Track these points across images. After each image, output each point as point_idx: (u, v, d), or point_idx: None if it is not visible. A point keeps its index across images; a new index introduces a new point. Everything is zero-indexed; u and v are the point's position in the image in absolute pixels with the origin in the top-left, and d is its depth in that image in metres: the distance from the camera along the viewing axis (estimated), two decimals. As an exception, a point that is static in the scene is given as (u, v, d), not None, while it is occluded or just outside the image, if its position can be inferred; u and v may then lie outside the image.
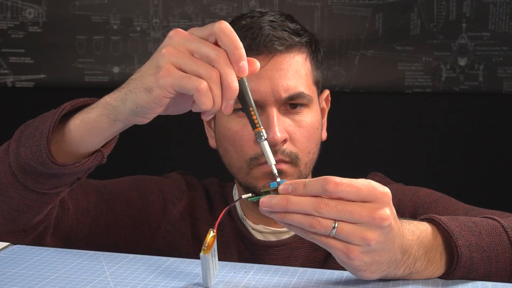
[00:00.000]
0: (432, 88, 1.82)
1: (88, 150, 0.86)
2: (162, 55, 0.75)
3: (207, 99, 0.74)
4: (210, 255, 0.77)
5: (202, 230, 1.10)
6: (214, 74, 0.74)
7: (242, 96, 0.76)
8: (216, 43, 0.75)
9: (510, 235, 0.82)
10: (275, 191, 0.75)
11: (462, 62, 1.80)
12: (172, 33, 0.77)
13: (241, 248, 1.08)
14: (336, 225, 0.72)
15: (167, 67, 0.75)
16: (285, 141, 1.00)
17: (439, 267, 0.81)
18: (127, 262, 0.87)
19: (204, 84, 0.73)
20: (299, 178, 1.02)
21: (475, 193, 1.81)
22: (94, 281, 0.80)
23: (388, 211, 0.73)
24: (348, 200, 0.73)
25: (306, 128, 1.02)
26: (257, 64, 0.77)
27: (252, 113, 0.77)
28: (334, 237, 0.73)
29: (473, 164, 1.83)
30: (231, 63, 0.75)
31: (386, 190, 0.74)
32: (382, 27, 1.83)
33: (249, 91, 0.77)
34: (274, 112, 0.99)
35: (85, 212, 1.04)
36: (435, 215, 0.83)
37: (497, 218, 0.85)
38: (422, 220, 0.83)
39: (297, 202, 0.72)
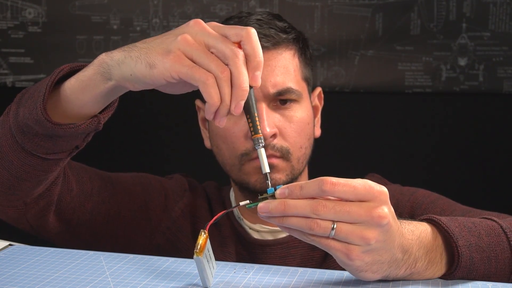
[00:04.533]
0: (432, 88, 1.82)
1: (84, 113, 0.85)
2: (176, 41, 0.75)
3: (214, 92, 0.73)
4: (204, 256, 0.77)
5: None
6: (225, 73, 0.73)
7: (246, 102, 0.76)
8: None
9: (508, 236, 0.82)
10: (272, 196, 0.75)
11: (462, 62, 1.80)
12: (192, 22, 0.77)
13: (238, 247, 1.08)
14: (335, 226, 0.72)
15: (177, 53, 0.74)
16: (274, 136, 1.02)
17: (440, 267, 0.81)
18: (127, 262, 0.87)
19: (211, 78, 0.73)
20: (291, 172, 1.04)
21: (475, 193, 1.81)
22: (94, 281, 0.80)
23: (386, 210, 0.73)
24: (346, 200, 0.73)
25: (297, 123, 1.04)
26: (259, 81, 0.77)
27: (255, 119, 0.78)
28: (333, 238, 0.73)
29: (473, 164, 1.83)
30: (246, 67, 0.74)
31: (383, 189, 0.74)
32: (382, 27, 1.83)
33: (253, 98, 0.77)
34: (263, 108, 1.01)
35: (88, 196, 1.05)
36: (434, 216, 0.83)
37: (495, 219, 0.85)
38: (421, 220, 0.83)
39: (294, 205, 0.72)
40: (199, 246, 0.76)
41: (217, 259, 0.82)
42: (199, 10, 1.92)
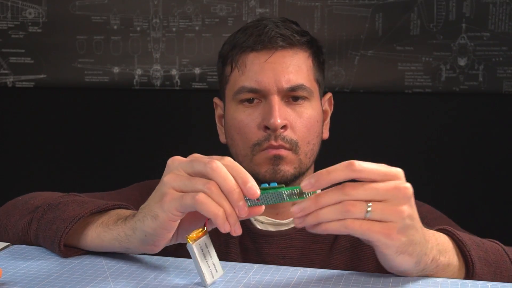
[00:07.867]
0: (432, 88, 1.82)
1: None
2: (164, 183, 0.78)
3: (212, 206, 0.74)
4: (199, 248, 0.77)
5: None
6: (212, 185, 0.75)
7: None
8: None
9: (510, 257, 0.88)
10: (272, 188, 0.76)
11: (462, 62, 1.80)
12: (169, 161, 0.80)
13: (243, 238, 1.11)
14: (370, 206, 0.73)
15: (169, 192, 0.77)
16: (285, 127, 1.06)
17: (455, 271, 0.83)
18: (127, 262, 0.87)
19: (201, 194, 0.74)
20: (299, 166, 1.08)
21: (474, 193, 1.82)
22: (94, 281, 0.80)
23: (408, 184, 0.76)
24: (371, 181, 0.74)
25: (306, 119, 1.08)
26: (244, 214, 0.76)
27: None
28: (369, 220, 0.73)
29: (472, 164, 1.83)
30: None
31: (398, 169, 0.77)
32: (382, 27, 1.83)
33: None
34: (276, 100, 1.06)
35: None
36: (447, 226, 0.86)
37: (496, 241, 0.90)
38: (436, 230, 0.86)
39: (324, 194, 0.73)
40: (192, 234, 0.77)
41: (223, 249, 0.81)
42: (199, 10, 1.92)
